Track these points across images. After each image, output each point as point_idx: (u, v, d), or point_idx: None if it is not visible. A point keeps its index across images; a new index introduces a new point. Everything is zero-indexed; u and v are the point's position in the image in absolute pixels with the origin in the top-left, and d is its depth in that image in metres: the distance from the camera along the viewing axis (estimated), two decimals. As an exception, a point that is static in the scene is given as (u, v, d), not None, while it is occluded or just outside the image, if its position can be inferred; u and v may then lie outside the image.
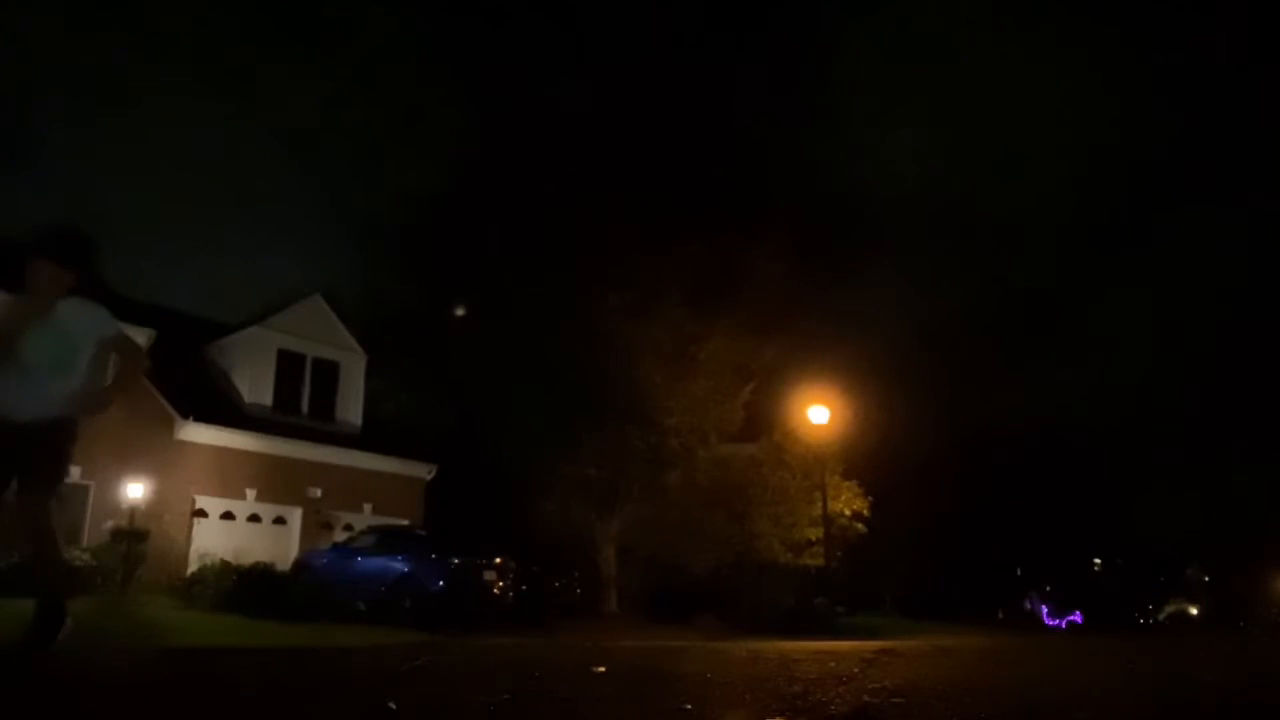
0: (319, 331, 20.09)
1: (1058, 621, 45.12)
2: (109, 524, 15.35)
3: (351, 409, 20.28)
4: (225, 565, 14.34)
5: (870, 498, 21.20)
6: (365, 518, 19.05)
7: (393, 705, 1.89)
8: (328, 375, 20.02)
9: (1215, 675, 4.13)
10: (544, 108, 20.36)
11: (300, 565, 15.01)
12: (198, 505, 17.22)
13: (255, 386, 18.93)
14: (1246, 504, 46.10)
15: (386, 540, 14.46)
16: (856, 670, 2.97)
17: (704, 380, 19.33)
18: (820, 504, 20.14)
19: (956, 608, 32.47)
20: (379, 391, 21.41)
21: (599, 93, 20.54)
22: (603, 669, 2.94)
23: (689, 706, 2.07)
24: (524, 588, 14.80)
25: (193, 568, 15.51)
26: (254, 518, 18.10)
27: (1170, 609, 55.33)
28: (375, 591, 12.96)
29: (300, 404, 19.50)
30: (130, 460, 15.53)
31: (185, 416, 16.90)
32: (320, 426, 19.41)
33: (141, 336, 17.46)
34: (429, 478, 21.02)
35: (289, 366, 19.47)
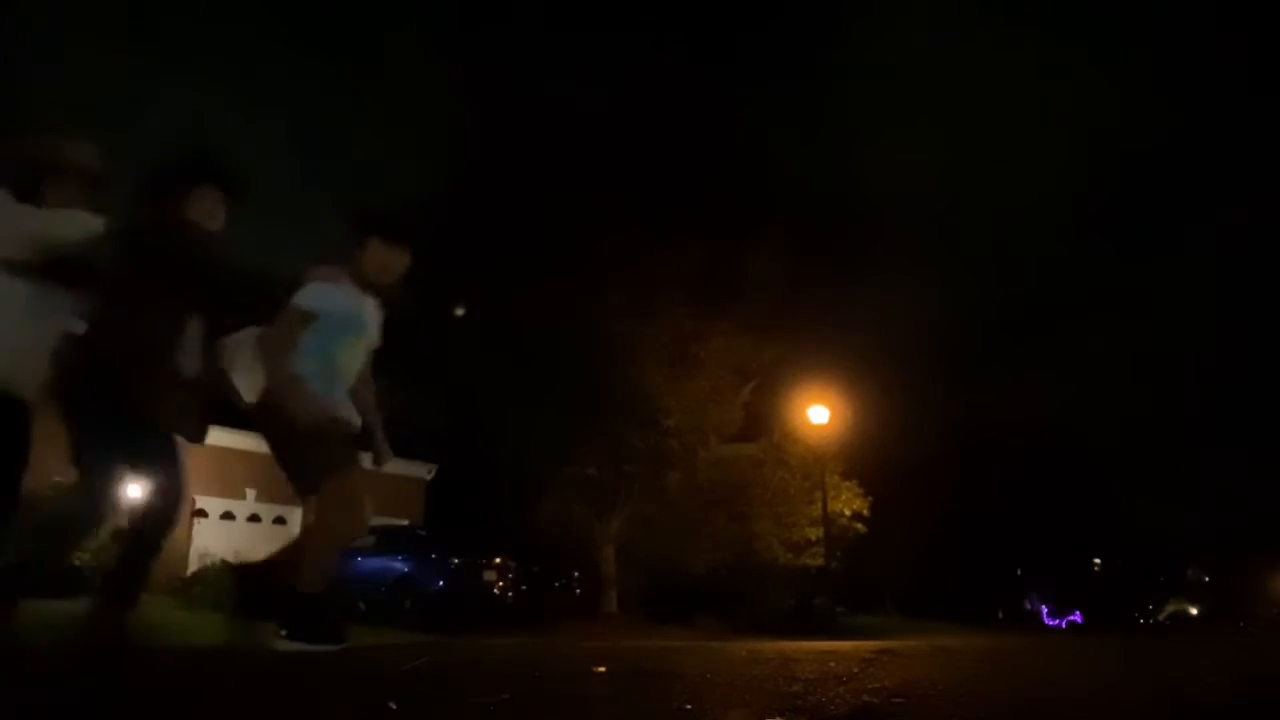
0: (319, 331, 20.06)
1: (1058, 621, 45.10)
2: (109, 524, 15.35)
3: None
4: (225, 565, 14.33)
5: (870, 498, 21.20)
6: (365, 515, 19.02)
7: (393, 705, 1.89)
8: (328, 375, 20.02)
9: (1216, 675, 4.14)
10: (544, 107, 20.37)
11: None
12: (198, 505, 17.22)
13: (255, 386, 18.92)
14: (1246, 504, 46.12)
15: (386, 540, 14.46)
16: (856, 670, 2.97)
17: (704, 380, 19.32)
18: (820, 504, 20.14)
19: (956, 608, 32.45)
20: (379, 391, 21.35)
21: (600, 93, 20.54)
22: (603, 669, 2.94)
23: (689, 706, 2.07)
24: (524, 588, 14.81)
25: (193, 568, 15.51)
26: (254, 518, 18.10)
27: (1170, 609, 55.28)
28: (375, 591, 12.97)
29: (300, 404, 19.50)
30: (130, 460, 15.51)
31: (185, 416, 16.88)
32: (320, 426, 19.41)
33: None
34: (429, 478, 20.99)
35: (289, 366, 19.45)
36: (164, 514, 3.57)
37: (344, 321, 3.64)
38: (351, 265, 3.67)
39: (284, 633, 3.17)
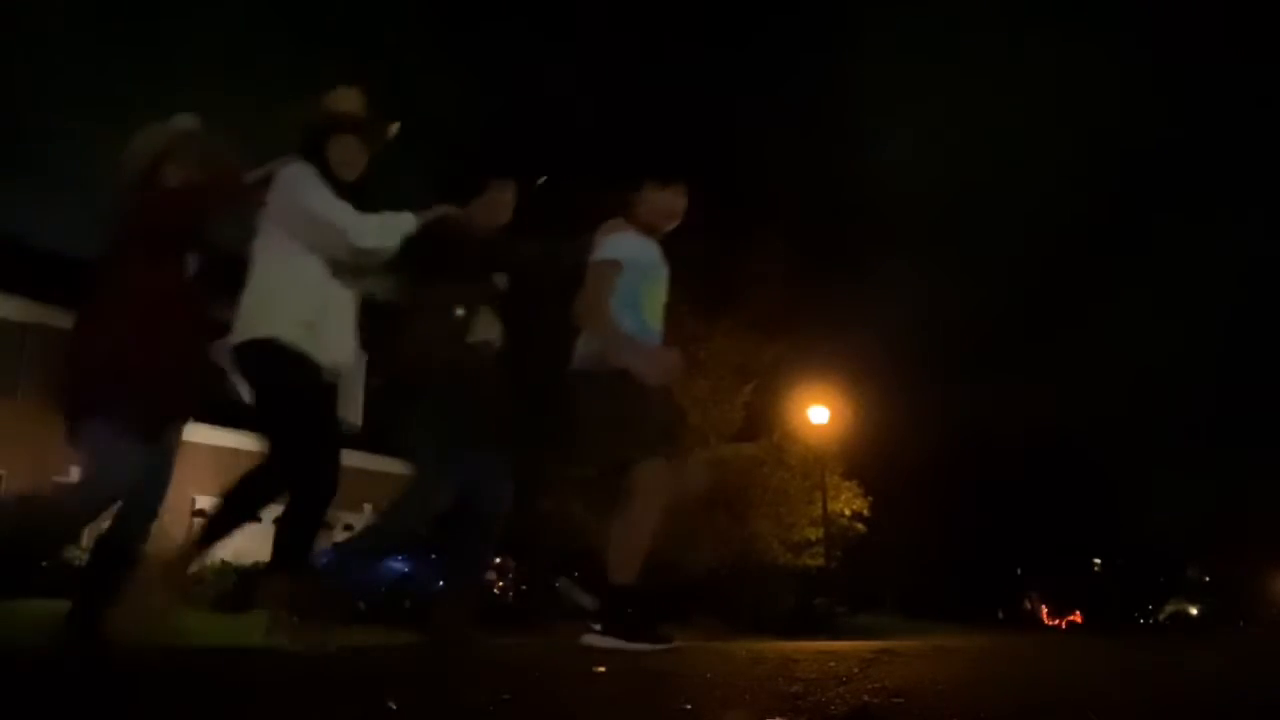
0: (319, 331, 20.08)
1: (1058, 621, 45.14)
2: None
3: (351, 409, 20.25)
4: (225, 565, 14.32)
5: (870, 498, 21.21)
6: (365, 518, 19.04)
7: (393, 705, 1.89)
8: (328, 375, 20.03)
9: (1216, 675, 4.14)
10: (544, 105, 20.39)
11: (300, 565, 15.02)
12: (197, 505, 17.19)
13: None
14: (1246, 504, 46.13)
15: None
16: (856, 670, 2.98)
17: (704, 380, 19.32)
18: (820, 504, 20.15)
19: (956, 608, 32.48)
20: (379, 391, 21.39)
21: (599, 91, 20.55)
22: (603, 669, 2.94)
23: (689, 706, 2.07)
24: (524, 588, 14.81)
25: (193, 567, 15.49)
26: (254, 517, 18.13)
27: (1170, 609, 55.28)
28: (375, 591, 12.98)
29: (300, 404, 19.51)
30: (130, 460, 15.51)
31: (185, 417, 16.88)
32: (320, 426, 19.42)
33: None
34: (429, 478, 20.99)
35: (289, 367, 19.45)
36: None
37: (647, 269, 3.54)
38: (631, 218, 3.59)
39: (598, 628, 3.09)
